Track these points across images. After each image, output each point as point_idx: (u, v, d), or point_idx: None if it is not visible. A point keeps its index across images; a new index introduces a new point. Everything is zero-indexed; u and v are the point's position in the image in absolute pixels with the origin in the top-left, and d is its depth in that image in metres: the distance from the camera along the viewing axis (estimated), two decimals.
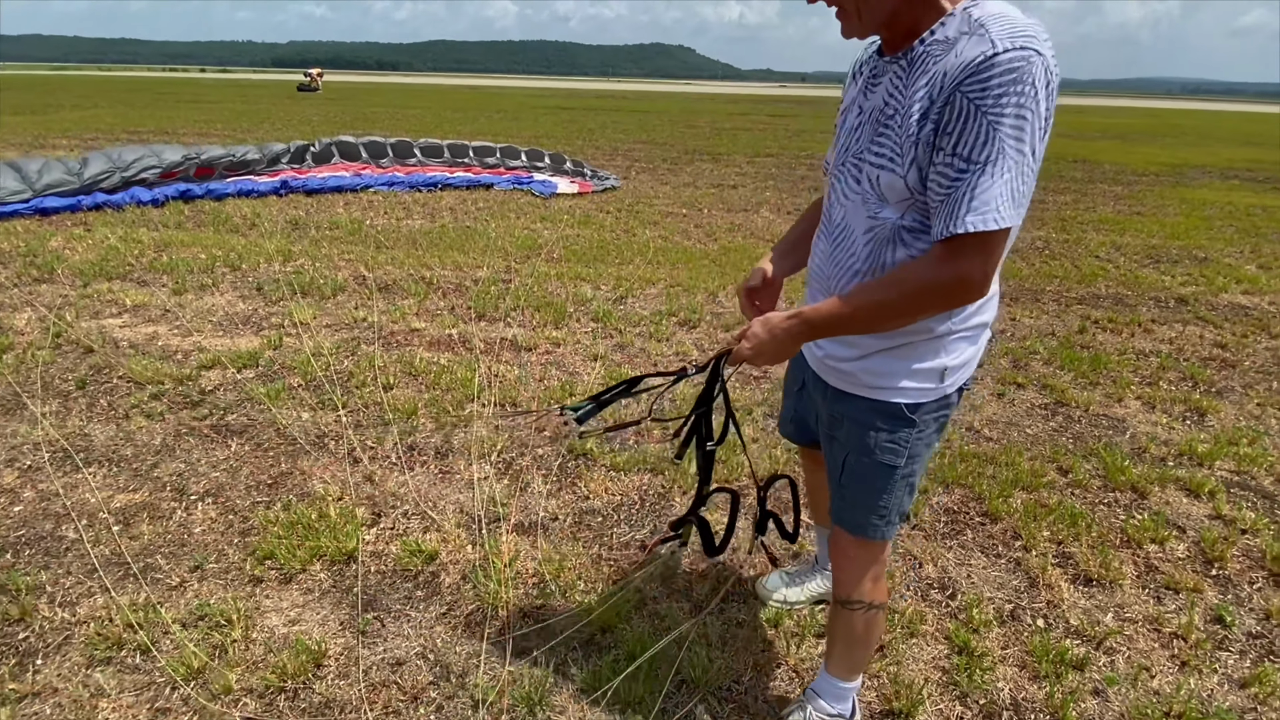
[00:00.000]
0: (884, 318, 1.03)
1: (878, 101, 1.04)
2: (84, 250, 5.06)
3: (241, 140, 12.36)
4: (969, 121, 0.88)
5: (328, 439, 2.68)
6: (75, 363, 3.28)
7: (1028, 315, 4.31)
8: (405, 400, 2.95)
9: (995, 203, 0.89)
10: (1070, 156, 13.77)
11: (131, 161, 6.77)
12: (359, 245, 5.50)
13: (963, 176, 0.90)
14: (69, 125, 14.12)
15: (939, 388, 1.15)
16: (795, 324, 1.07)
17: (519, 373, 3.26)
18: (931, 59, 0.94)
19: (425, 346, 3.57)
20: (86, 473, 2.43)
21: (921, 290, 0.97)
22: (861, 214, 1.07)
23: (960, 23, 0.94)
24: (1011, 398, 3.18)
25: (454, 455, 2.59)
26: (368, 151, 8.74)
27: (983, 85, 0.87)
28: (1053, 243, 6.30)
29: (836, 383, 1.22)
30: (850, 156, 1.10)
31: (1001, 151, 0.88)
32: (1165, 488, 2.49)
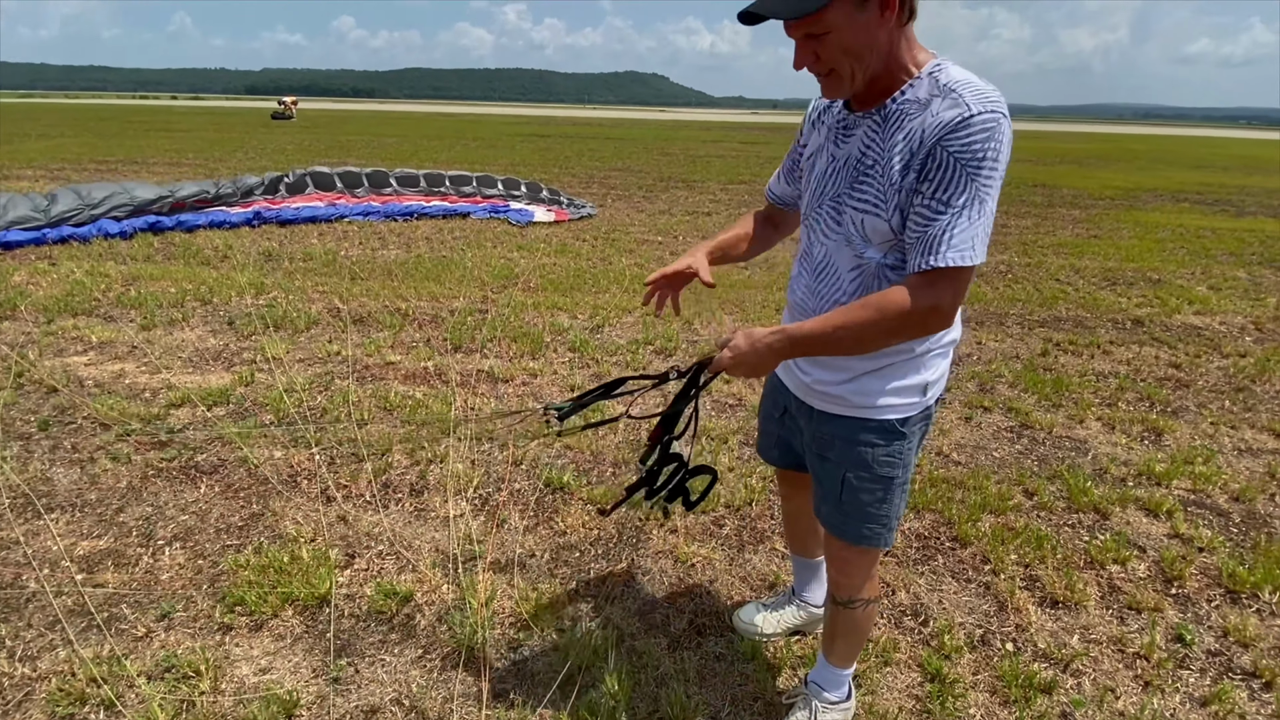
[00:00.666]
0: (862, 340, 1.09)
1: (853, 151, 1.15)
2: (48, 286, 4.96)
3: (214, 170, 12.28)
4: (949, 171, 1.01)
5: (300, 478, 2.65)
6: (38, 403, 3.20)
7: (993, 339, 4.45)
8: (380, 434, 2.93)
9: (972, 242, 1.02)
10: (1031, 181, 14.29)
11: (102, 199, 6.66)
12: (333, 277, 5.48)
13: (939, 217, 1.02)
14: (34, 155, 13.87)
15: (922, 401, 1.26)
16: (778, 339, 1.13)
17: (495, 406, 3.26)
18: (906, 116, 1.06)
19: (400, 380, 3.56)
20: (49, 519, 2.37)
21: (899, 316, 1.04)
22: (846, 253, 1.18)
23: (929, 85, 1.06)
24: (979, 421, 3.26)
25: (430, 491, 2.57)
26: (342, 181, 8.74)
27: (963, 142, 1.00)
28: (1015, 266, 6.51)
29: (824, 406, 1.30)
30: (827, 200, 1.20)
31: (976, 198, 1.01)
32: (1126, 508, 2.57)
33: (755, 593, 2.09)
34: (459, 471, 2.66)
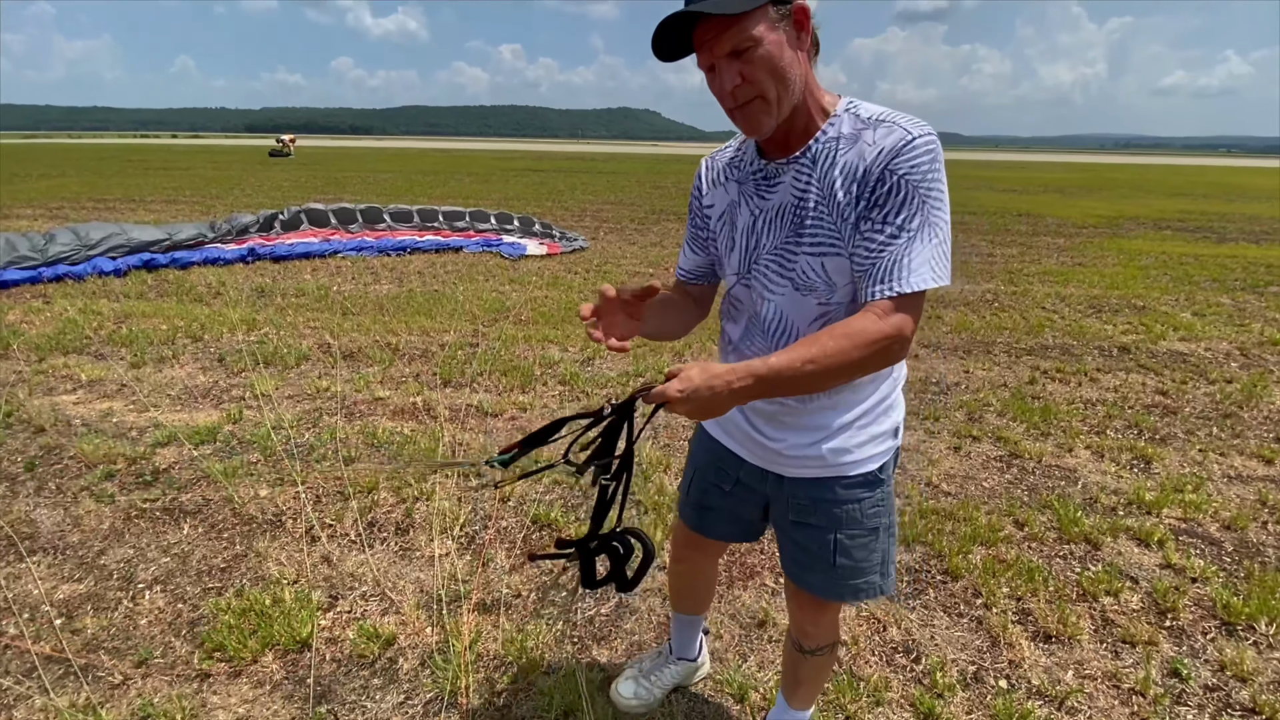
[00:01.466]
0: (831, 373, 0.98)
1: (785, 199, 1.09)
2: (41, 324, 4.97)
3: (210, 207, 12.40)
4: (900, 194, 0.98)
5: (285, 517, 2.62)
6: (25, 443, 3.17)
7: (980, 367, 4.48)
8: (367, 472, 2.91)
9: (931, 263, 0.99)
10: (1015, 210, 14.55)
11: (99, 240, 6.72)
12: (325, 312, 5.50)
13: (894, 242, 0.98)
14: (34, 194, 14.00)
15: (894, 444, 1.24)
16: (742, 379, 0.95)
17: (484, 441, 3.25)
18: (837, 153, 1.04)
19: (389, 416, 3.55)
20: (30, 562, 2.33)
21: (867, 345, 0.97)
22: (805, 304, 1.11)
23: (851, 121, 1.05)
24: (967, 451, 3.27)
25: (415, 530, 2.55)
26: (337, 217, 8.83)
27: (910, 164, 0.98)
28: (1001, 295, 6.59)
29: (799, 471, 1.22)
30: (765, 254, 1.13)
31: (929, 221, 0.99)
32: (1117, 538, 2.56)
33: (744, 630, 2.06)
34: (445, 509, 2.64)
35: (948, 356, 4.71)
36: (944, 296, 6.48)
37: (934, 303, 6.20)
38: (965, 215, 13.52)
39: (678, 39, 0.99)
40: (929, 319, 5.64)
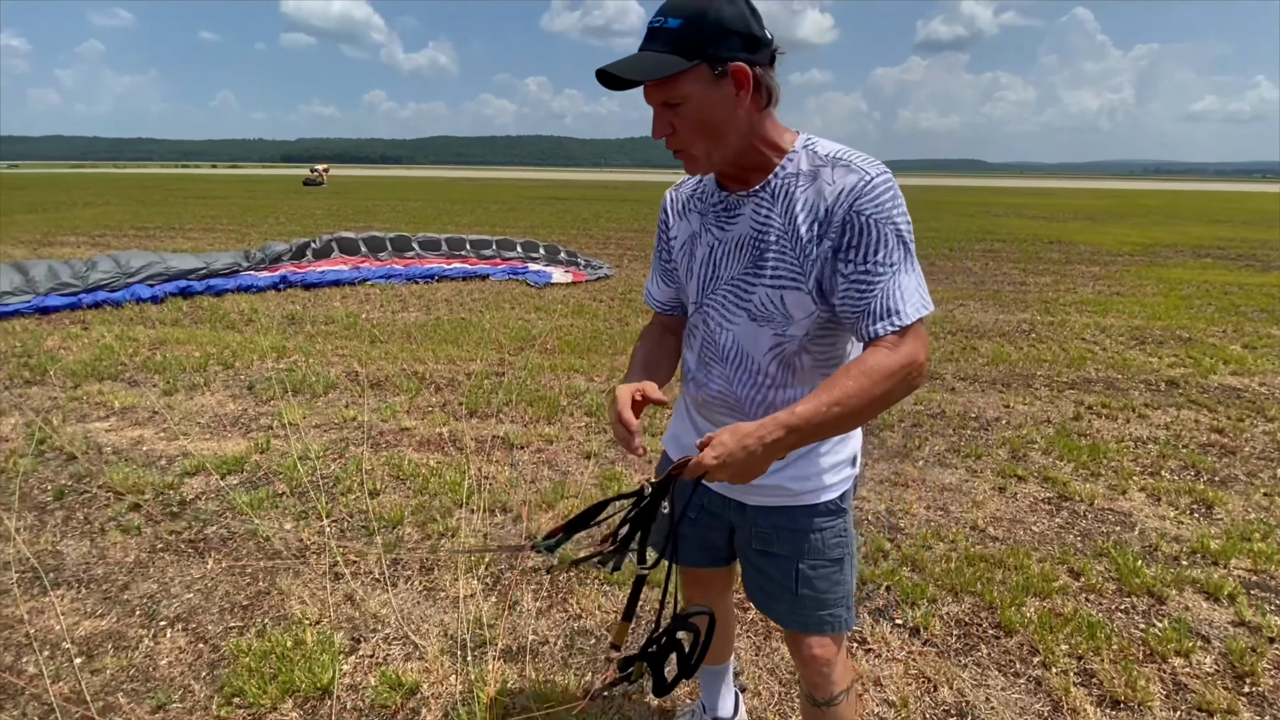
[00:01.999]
0: (859, 412, 1.00)
1: (744, 230, 1.11)
2: (79, 350, 5.07)
3: (245, 235, 12.75)
4: (872, 234, 1.00)
5: (310, 552, 2.58)
6: (56, 471, 3.20)
7: (1021, 402, 4.31)
8: (391, 507, 2.86)
9: (920, 292, 1.03)
10: (1046, 238, 14.30)
11: (138, 268, 6.91)
12: (354, 340, 5.54)
13: (880, 279, 1.01)
14: (79, 223, 14.55)
15: (853, 472, 1.25)
16: (775, 432, 0.97)
17: (510, 474, 3.19)
18: (795, 188, 1.06)
19: (415, 447, 3.51)
20: (54, 595, 2.31)
21: (888, 378, 0.99)
22: (761, 334, 1.12)
23: (808, 158, 1.07)
24: (1013, 492, 3.11)
25: (440, 569, 2.48)
26: (367, 245, 8.99)
27: (875, 203, 1.01)
28: (1038, 325, 6.40)
29: (761, 500, 1.22)
30: (723, 284, 1.15)
31: (907, 251, 1.03)
32: (1182, 590, 2.39)
33: (784, 687, 1.94)
34: (472, 546, 2.57)
35: (986, 390, 4.56)
36: (978, 326, 6.32)
37: (968, 333, 6.05)
38: (994, 243, 13.32)
39: None
40: (964, 350, 5.49)
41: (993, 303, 7.48)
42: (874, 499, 3.03)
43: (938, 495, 3.08)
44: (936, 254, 11.59)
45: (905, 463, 3.41)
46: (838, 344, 1.15)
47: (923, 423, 3.94)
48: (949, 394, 4.45)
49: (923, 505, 2.98)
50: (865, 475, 3.27)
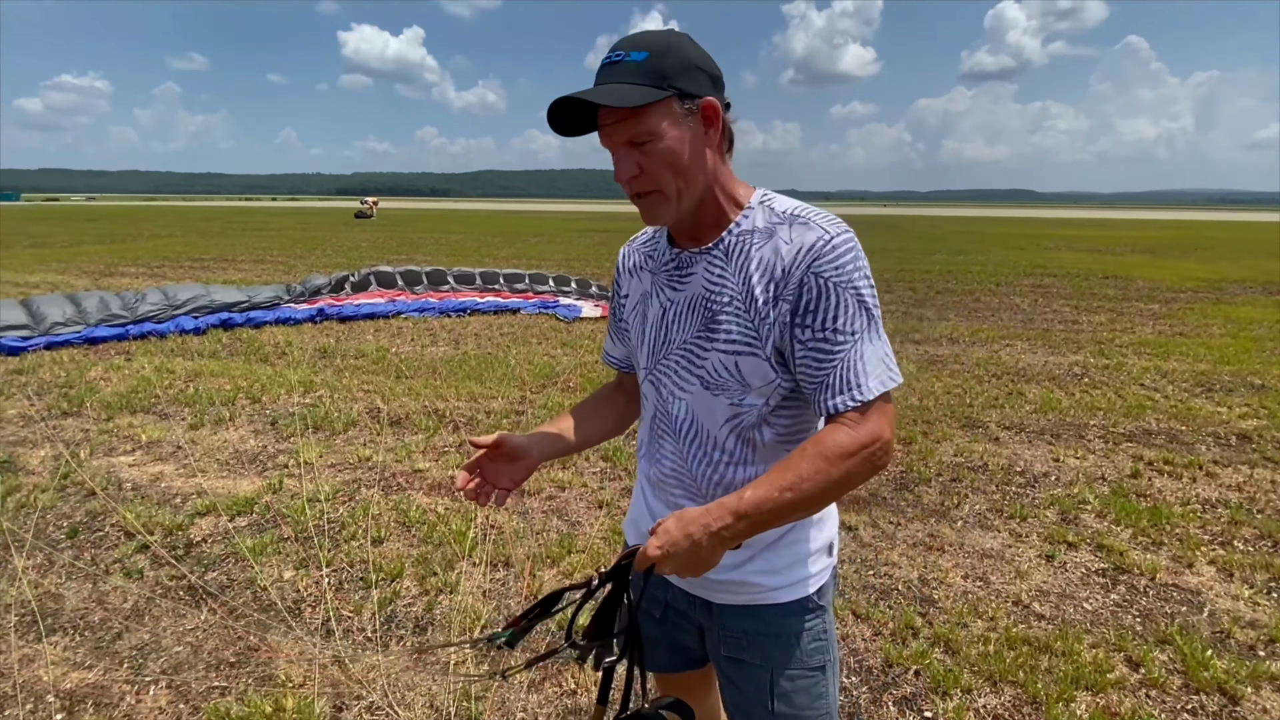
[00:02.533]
0: (815, 497, 0.91)
1: (696, 291, 1.03)
2: (118, 381, 5.23)
3: (293, 267, 13.22)
4: (831, 298, 0.93)
5: (305, 604, 2.49)
6: (74, 507, 3.22)
7: (1072, 455, 3.99)
8: (393, 557, 2.77)
9: (885, 364, 0.94)
10: (1101, 272, 13.68)
11: (185, 300, 7.18)
12: (380, 375, 5.57)
13: (841, 348, 0.93)
14: (141, 254, 15.37)
15: (830, 561, 1.12)
16: (722, 520, 0.88)
17: (517, 524, 3.07)
18: (751, 246, 0.99)
19: (426, 491, 3.44)
20: (48, 643, 2.28)
21: (845, 458, 0.91)
22: (717, 403, 1.02)
23: (764, 214, 1.00)
24: (1063, 561, 2.83)
25: (434, 628, 2.36)
26: (404, 279, 9.16)
27: (835, 265, 0.93)
28: (1091, 369, 6.02)
29: (727, 598, 1.08)
30: (675, 349, 1.05)
31: (871, 318, 0.94)
32: (1259, 688, 2.09)
33: None
34: (468, 606, 2.45)
35: (1033, 441, 4.25)
36: (1026, 369, 5.98)
37: (1015, 376, 5.72)
38: (1044, 278, 12.81)
39: (578, 115, 0.93)
40: (1010, 395, 5.17)
41: (1042, 343, 7.10)
42: (905, 565, 2.79)
43: (977, 563, 2.82)
44: (982, 289, 11.18)
45: (942, 523, 3.16)
46: (803, 416, 1.03)
47: (962, 477, 3.67)
48: (992, 445, 4.17)
49: (960, 574, 2.73)
50: (897, 536, 3.03)
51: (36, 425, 4.28)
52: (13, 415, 4.45)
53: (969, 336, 7.40)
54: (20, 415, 4.45)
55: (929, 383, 5.49)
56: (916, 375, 5.71)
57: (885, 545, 2.95)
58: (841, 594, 2.58)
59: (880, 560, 2.83)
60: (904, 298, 10.19)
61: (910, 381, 5.52)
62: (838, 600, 2.53)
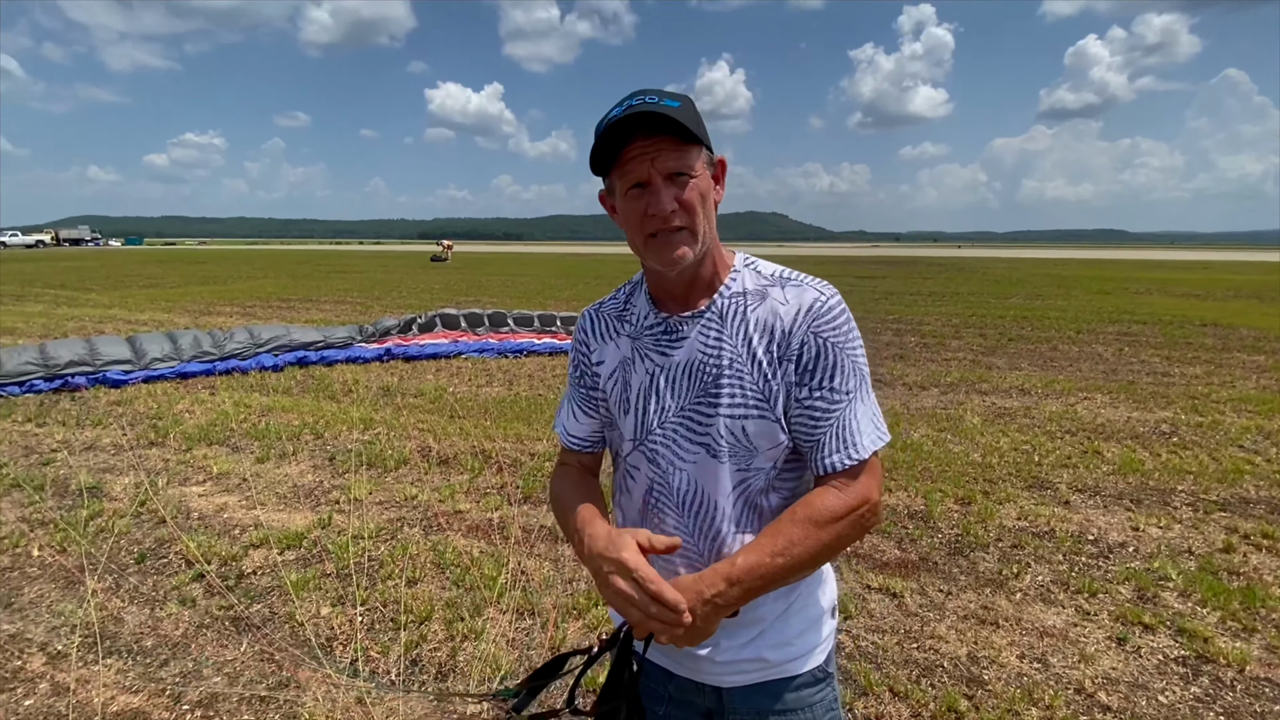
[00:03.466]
0: (805, 561, 0.93)
1: (692, 355, 1.01)
2: (200, 414, 5.64)
3: (369, 308, 14.03)
4: (830, 358, 0.96)
5: (337, 642, 2.56)
6: (146, 534, 3.46)
7: (1154, 524, 3.64)
8: (425, 598, 2.81)
9: (875, 422, 0.98)
10: (1197, 319, 12.65)
11: (267, 339, 7.74)
12: (435, 414, 5.77)
13: (836, 408, 0.96)
14: (237, 294, 16.72)
15: (833, 625, 1.11)
16: (714, 585, 0.90)
17: (548, 572, 3.06)
18: (746, 308, 1.00)
19: (464, 532, 3.49)
20: (104, 664, 2.42)
21: (835, 521, 0.93)
22: (723, 470, 0.99)
23: (752, 277, 1.02)
24: (1136, 645, 2.55)
25: (457, 675, 2.36)
26: (466, 321, 9.55)
27: (833, 325, 0.96)
28: (1181, 426, 5.51)
29: (739, 679, 1.05)
30: (670, 416, 1.02)
31: (862, 378, 0.98)
32: None
33: None
34: (491, 655, 2.44)
35: (1109, 506, 3.91)
36: (1105, 426, 5.54)
37: (1092, 433, 5.32)
38: (1132, 325, 11.96)
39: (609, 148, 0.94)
40: (1085, 454, 4.80)
41: (1125, 396, 6.59)
42: (954, 639, 2.59)
43: (1036, 641, 2.58)
44: (1060, 337, 10.54)
45: (999, 594, 2.93)
46: (804, 479, 1.03)
47: (1025, 543, 3.40)
48: (1061, 508, 3.85)
49: (1015, 653, 2.51)
50: (947, 606, 2.83)
51: (125, 454, 4.65)
52: (107, 443, 4.87)
53: (1042, 388, 6.96)
54: (113, 444, 4.86)
55: (994, 437, 5.17)
56: (980, 429, 5.40)
57: (933, 616, 2.76)
58: (879, 667, 2.41)
59: (926, 632, 2.64)
60: (972, 345, 9.74)
61: (973, 435, 5.22)
62: (873, 674, 2.36)
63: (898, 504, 3.90)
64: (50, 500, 3.85)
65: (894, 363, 8.25)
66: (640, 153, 0.92)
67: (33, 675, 2.37)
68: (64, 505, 3.78)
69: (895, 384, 7.10)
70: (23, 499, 3.87)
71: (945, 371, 7.70)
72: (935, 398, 6.51)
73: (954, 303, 15.79)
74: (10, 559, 3.19)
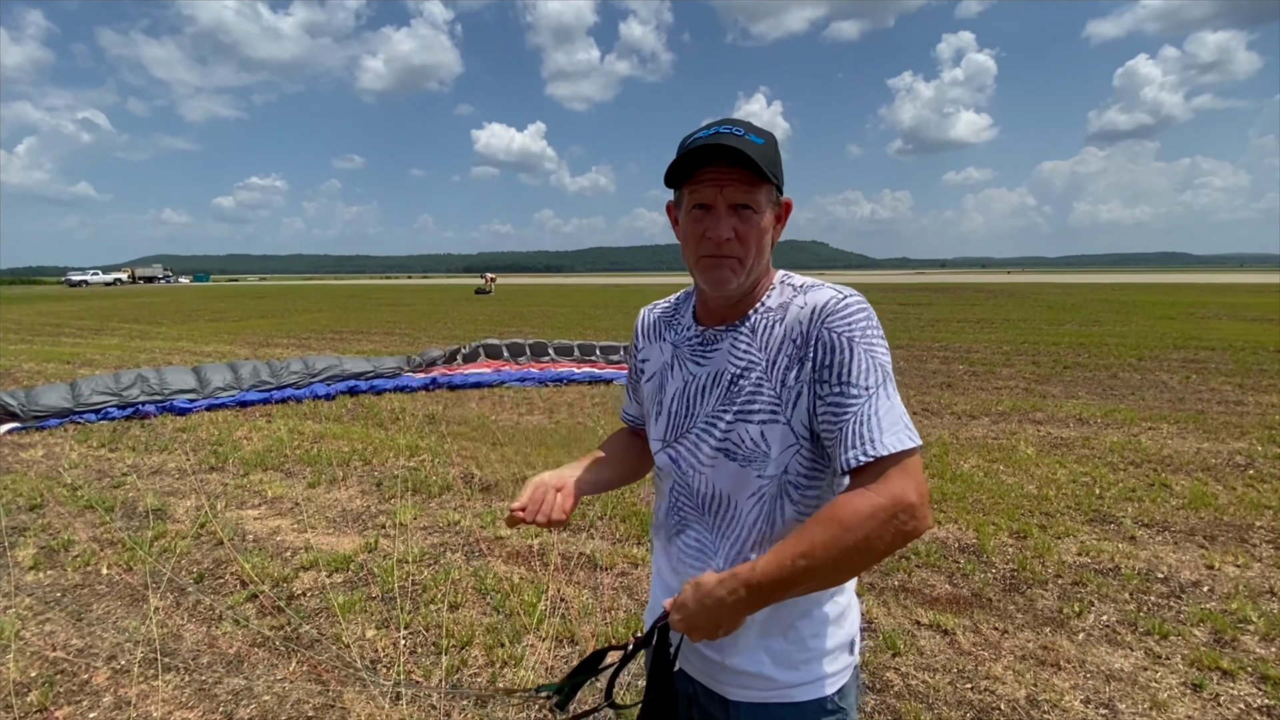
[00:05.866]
0: (831, 566, 0.88)
1: (723, 366, 1.05)
2: (258, 440, 5.88)
3: (416, 339, 14.47)
4: (844, 352, 0.94)
5: (381, 664, 2.59)
6: (205, 554, 3.60)
7: (1232, 563, 3.40)
8: (466, 624, 2.84)
9: (901, 421, 0.91)
10: (1272, 345, 11.91)
11: (321, 369, 8.07)
12: (479, 441, 5.87)
13: (853, 402, 0.92)
14: (292, 327, 17.50)
15: (851, 660, 1.06)
16: (732, 589, 0.90)
17: (586, 599, 3.05)
18: (774, 323, 1.02)
19: (505, 558, 3.52)
20: (163, 680, 2.52)
21: (863, 523, 0.86)
22: (744, 476, 1.01)
23: (784, 291, 1.04)
24: (1214, 692, 2.37)
25: (494, 703, 2.36)
26: (509, 351, 9.75)
27: (846, 320, 0.95)
28: (1258, 458, 5.17)
29: (743, 694, 1.04)
30: (698, 422, 1.06)
31: (886, 375, 0.94)
32: None
33: None
34: (529, 681, 2.44)
35: (1181, 543, 3.68)
36: (1173, 457, 5.25)
37: (1159, 465, 5.04)
38: (1200, 351, 11.35)
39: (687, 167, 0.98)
40: (1152, 487, 4.54)
41: (1195, 426, 6.23)
42: (1011, 681, 2.46)
43: (1102, 685, 2.43)
44: (1120, 364, 10.07)
45: (1059, 634, 2.77)
46: (827, 491, 1.02)
47: (1087, 580, 3.23)
48: (1127, 544, 3.65)
49: (1079, 697, 2.36)
50: (1003, 645, 2.70)
51: (188, 478, 4.88)
52: (172, 468, 5.12)
53: (1102, 417, 6.65)
54: (178, 468, 5.11)
55: (1050, 469, 4.95)
56: (1036, 459, 5.18)
57: (988, 655, 2.63)
58: (930, 708, 2.31)
59: (980, 672, 2.51)
60: (1024, 373, 9.39)
61: (1028, 467, 5.01)
62: (925, 714, 2.26)
63: (948, 537, 3.76)
64: (119, 521, 4.06)
65: (941, 391, 8.02)
66: (712, 178, 0.96)
67: (98, 689, 2.48)
68: (131, 526, 3.98)
69: (943, 413, 6.90)
70: (95, 519, 4.09)
71: (996, 400, 7.44)
72: (986, 427, 6.29)
73: (1004, 329, 15.30)
74: (81, 576, 3.36)
